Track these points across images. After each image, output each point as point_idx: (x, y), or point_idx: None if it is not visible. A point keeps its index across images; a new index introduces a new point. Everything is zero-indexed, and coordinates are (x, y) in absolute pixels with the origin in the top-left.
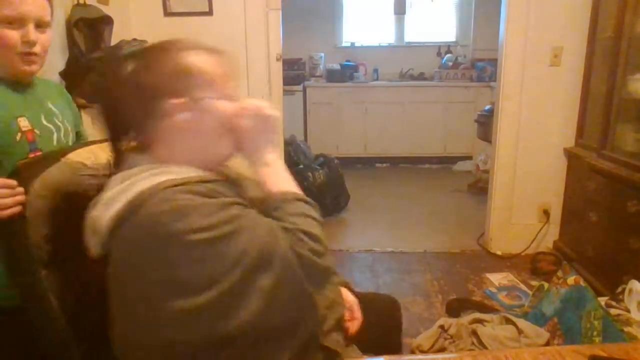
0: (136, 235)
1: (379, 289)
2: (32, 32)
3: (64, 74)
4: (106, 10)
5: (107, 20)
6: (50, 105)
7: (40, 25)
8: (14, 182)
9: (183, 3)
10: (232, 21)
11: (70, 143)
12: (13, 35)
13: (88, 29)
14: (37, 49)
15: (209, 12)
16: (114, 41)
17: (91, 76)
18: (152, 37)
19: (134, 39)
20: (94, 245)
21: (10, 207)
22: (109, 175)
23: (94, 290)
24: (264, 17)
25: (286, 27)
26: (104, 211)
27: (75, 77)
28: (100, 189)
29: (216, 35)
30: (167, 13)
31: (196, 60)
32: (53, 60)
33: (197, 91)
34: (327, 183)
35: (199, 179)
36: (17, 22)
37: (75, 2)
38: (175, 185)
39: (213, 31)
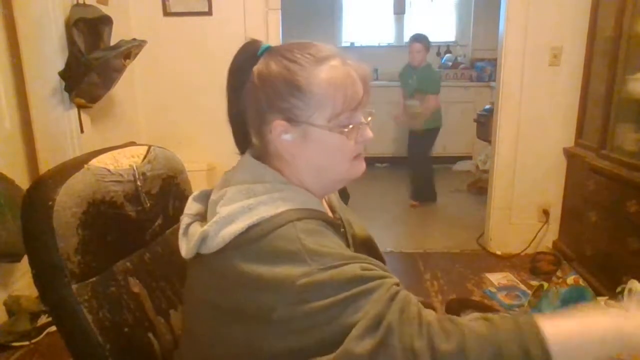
0: (250, 263)
1: None
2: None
3: (63, 74)
4: (106, 10)
5: (106, 20)
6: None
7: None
8: None
9: (183, 3)
10: (232, 21)
11: None
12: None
13: (88, 29)
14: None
15: (209, 12)
16: (113, 41)
17: (91, 76)
18: (151, 37)
19: (134, 39)
20: (186, 249)
21: None
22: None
23: (131, 303)
24: (264, 17)
25: (286, 27)
26: (222, 227)
27: (75, 77)
28: (126, 195)
29: (216, 36)
30: (167, 13)
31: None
32: (52, 60)
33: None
34: None
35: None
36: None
37: (75, 2)
38: (298, 220)
39: (213, 31)
